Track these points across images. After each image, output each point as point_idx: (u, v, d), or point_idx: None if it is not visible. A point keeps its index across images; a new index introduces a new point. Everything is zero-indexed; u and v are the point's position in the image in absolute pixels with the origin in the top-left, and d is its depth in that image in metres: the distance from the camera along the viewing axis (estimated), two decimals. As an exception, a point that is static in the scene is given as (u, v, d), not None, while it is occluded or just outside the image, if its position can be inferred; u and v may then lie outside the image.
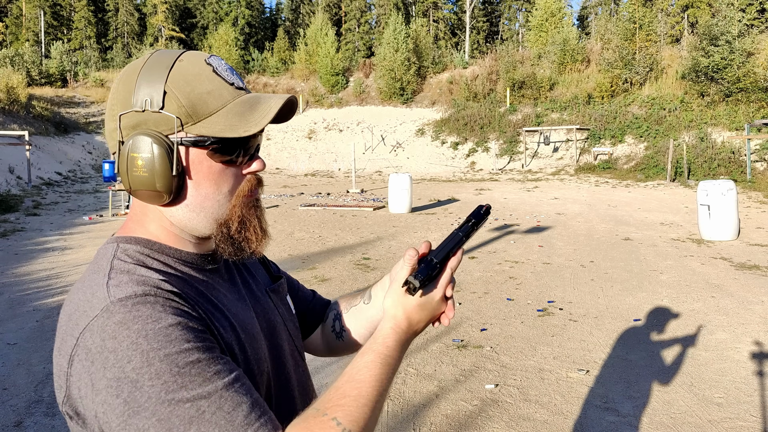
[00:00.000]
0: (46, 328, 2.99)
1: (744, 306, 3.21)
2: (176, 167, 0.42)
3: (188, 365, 0.36)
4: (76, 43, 31.04)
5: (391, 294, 0.46)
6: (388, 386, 0.42)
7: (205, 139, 0.42)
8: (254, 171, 0.46)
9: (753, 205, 8.17)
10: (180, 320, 0.38)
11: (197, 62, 0.44)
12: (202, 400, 0.36)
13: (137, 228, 0.46)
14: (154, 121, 0.42)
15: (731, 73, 13.10)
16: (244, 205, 0.45)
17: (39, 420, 1.98)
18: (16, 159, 12.57)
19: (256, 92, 0.46)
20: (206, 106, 0.43)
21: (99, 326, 0.37)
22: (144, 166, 0.42)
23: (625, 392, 2.14)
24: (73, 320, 0.39)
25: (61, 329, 0.40)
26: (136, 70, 0.43)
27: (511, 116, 16.83)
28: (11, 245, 5.56)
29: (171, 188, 0.43)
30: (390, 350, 0.43)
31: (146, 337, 0.36)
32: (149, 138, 0.42)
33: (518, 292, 3.61)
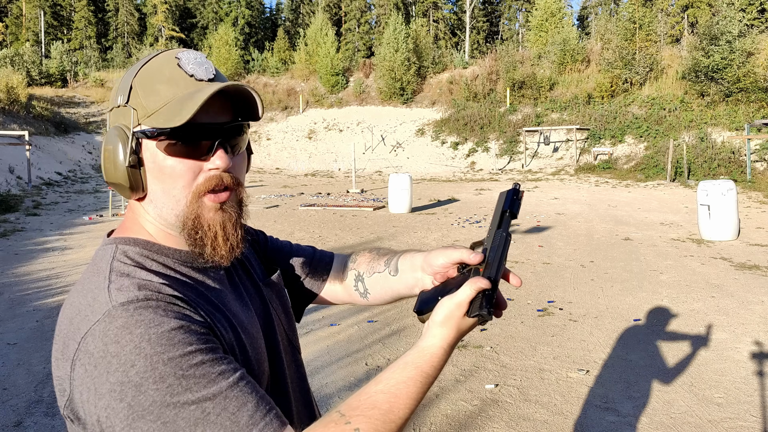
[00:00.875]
0: (46, 328, 2.99)
1: (744, 306, 3.21)
2: (128, 159, 0.42)
3: (192, 368, 0.36)
4: (76, 43, 31.05)
5: (448, 310, 0.43)
6: (418, 404, 0.40)
7: (154, 131, 0.42)
8: (213, 168, 0.43)
9: (753, 205, 8.17)
10: (182, 323, 0.37)
11: (167, 57, 0.44)
12: (206, 402, 0.35)
13: (133, 227, 0.46)
14: (123, 116, 0.44)
15: (731, 73, 13.10)
16: (202, 205, 0.43)
17: (39, 420, 1.98)
18: (16, 159, 12.58)
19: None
20: (158, 98, 0.42)
21: (101, 331, 0.36)
22: (109, 158, 0.44)
23: (625, 392, 2.14)
24: (74, 324, 0.38)
25: (62, 332, 0.39)
26: (133, 69, 0.46)
27: (511, 116, 16.83)
28: (11, 245, 5.56)
29: (129, 180, 0.43)
30: (434, 369, 0.41)
31: (149, 341, 0.36)
32: (114, 131, 0.43)
33: (518, 292, 3.61)
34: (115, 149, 0.43)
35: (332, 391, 2.20)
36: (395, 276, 0.55)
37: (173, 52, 0.45)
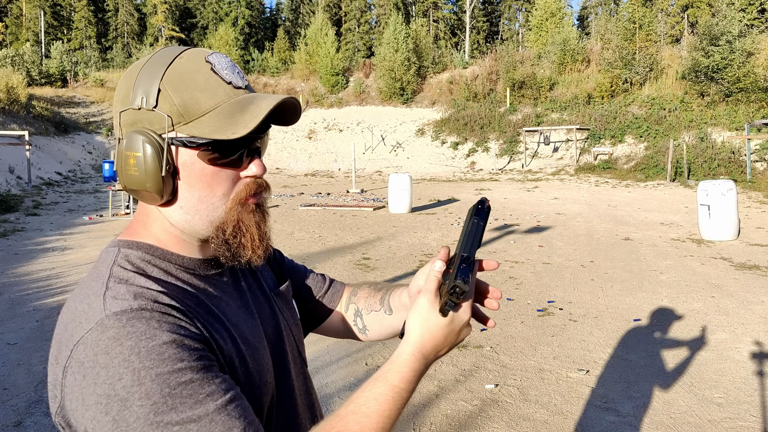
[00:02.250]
0: (46, 328, 2.99)
1: (744, 306, 3.21)
2: (166, 167, 0.41)
3: (180, 386, 0.35)
4: (76, 43, 31.05)
5: (419, 312, 0.41)
6: (395, 421, 0.39)
7: (195, 140, 0.41)
8: (251, 175, 0.44)
9: (753, 205, 8.16)
10: (175, 337, 0.36)
11: (196, 60, 0.43)
12: (191, 424, 0.34)
13: (141, 230, 0.45)
14: (148, 120, 0.42)
15: (731, 73, 13.10)
16: (242, 210, 0.43)
17: (39, 420, 1.98)
18: (16, 159, 12.57)
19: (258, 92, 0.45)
20: (198, 106, 0.41)
21: (93, 340, 0.36)
22: (135, 165, 0.42)
23: (625, 392, 2.14)
24: (68, 330, 0.38)
25: (57, 337, 0.39)
26: (138, 68, 0.43)
27: (511, 116, 16.83)
28: (11, 245, 5.56)
29: (161, 189, 0.42)
30: (405, 383, 0.40)
31: (139, 354, 0.35)
32: (141, 136, 0.41)
33: (518, 292, 3.61)
34: (147, 157, 0.41)
35: (332, 391, 2.20)
36: (390, 315, 0.55)
37: (200, 53, 0.43)
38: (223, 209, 0.43)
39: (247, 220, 0.44)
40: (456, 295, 0.39)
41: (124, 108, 0.42)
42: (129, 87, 0.42)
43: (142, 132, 0.41)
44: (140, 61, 0.44)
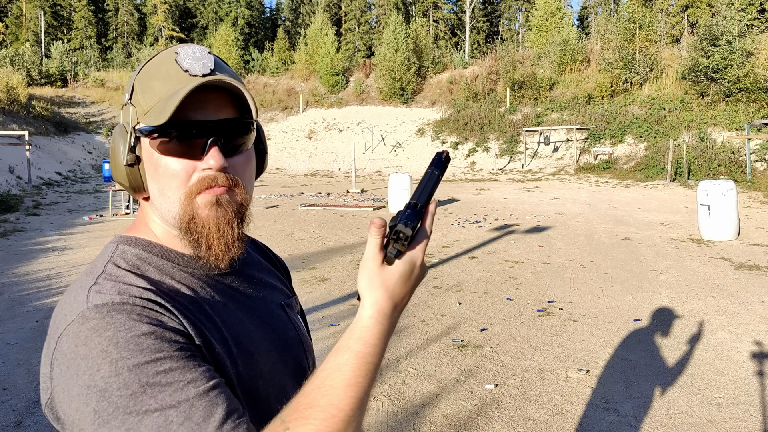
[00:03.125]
0: (46, 328, 2.98)
1: (744, 306, 3.21)
2: (126, 157, 0.42)
3: (158, 374, 0.35)
4: (76, 43, 31.06)
5: (365, 272, 0.39)
6: (369, 388, 0.36)
7: (147, 128, 0.41)
8: (207, 167, 0.41)
9: (753, 205, 8.16)
10: (154, 329, 0.36)
11: (169, 53, 0.43)
12: (170, 410, 0.34)
13: (142, 226, 0.46)
14: (126, 113, 0.44)
15: (731, 73, 13.10)
16: (198, 205, 0.42)
17: (39, 420, 1.98)
18: (16, 159, 12.57)
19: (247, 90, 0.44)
20: (153, 95, 0.41)
21: (74, 332, 0.36)
22: (112, 156, 0.44)
23: (625, 392, 2.14)
24: (56, 323, 0.39)
25: (49, 330, 0.40)
26: (140, 67, 0.46)
27: (511, 116, 16.82)
28: (11, 245, 5.56)
29: (129, 180, 0.43)
30: (369, 346, 0.36)
31: (116, 345, 0.35)
32: (118, 128, 0.44)
33: (518, 292, 3.61)
34: (117, 147, 0.43)
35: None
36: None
37: (177, 47, 0.44)
38: (179, 204, 0.42)
39: (203, 216, 0.42)
40: (400, 242, 0.37)
41: (122, 105, 0.45)
42: (129, 84, 0.46)
43: (120, 125, 0.44)
44: (143, 63, 0.47)
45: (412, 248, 0.39)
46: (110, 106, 21.31)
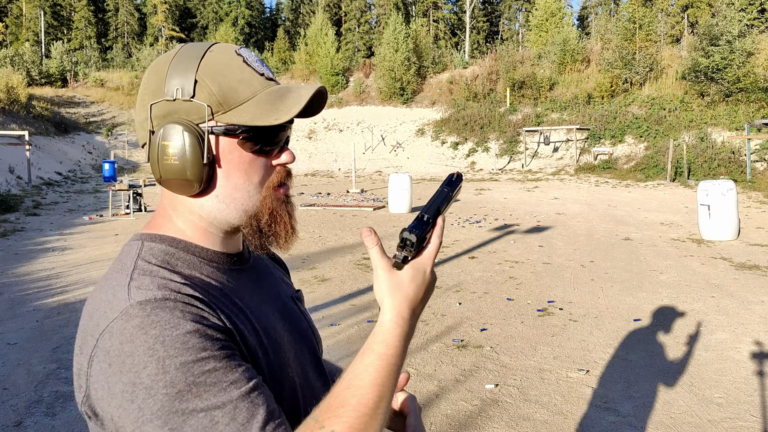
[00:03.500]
0: (46, 328, 2.99)
1: (744, 306, 3.21)
2: (207, 156, 0.42)
3: (204, 374, 0.35)
4: (76, 43, 31.06)
5: (379, 280, 0.42)
6: (393, 387, 0.39)
7: (235, 127, 0.42)
8: (284, 162, 0.45)
9: (753, 205, 8.16)
10: (198, 327, 0.37)
11: (227, 53, 0.44)
12: (216, 410, 0.35)
13: (165, 224, 0.45)
14: (185, 110, 0.42)
15: (731, 73, 13.10)
16: (275, 198, 0.45)
17: (39, 420, 1.98)
18: (16, 159, 12.58)
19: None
20: (237, 95, 0.42)
21: (118, 329, 0.36)
22: (175, 155, 0.42)
23: (626, 392, 2.14)
24: (93, 320, 0.38)
25: (82, 327, 0.39)
26: (167, 61, 0.43)
27: (511, 116, 16.83)
28: (11, 245, 5.55)
29: (201, 177, 0.42)
30: (392, 348, 0.39)
31: (163, 343, 0.35)
32: (180, 126, 0.42)
33: (518, 292, 3.60)
34: (188, 146, 0.41)
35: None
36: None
37: (229, 47, 0.45)
38: (258, 198, 0.44)
39: (280, 209, 0.45)
40: (407, 248, 0.40)
41: (156, 100, 0.42)
42: (160, 79, 0.43)
43: (179, 122, 0.42)
44: (166, 56, 0.44)
45: (420, 255, 0.42)
46: (110, 106, 21.31)
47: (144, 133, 0.44)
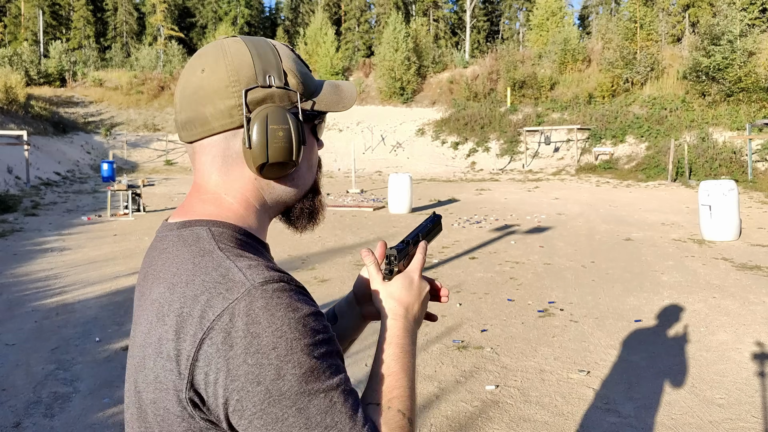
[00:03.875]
0: (44, 328, 2.97)
1: (745, 307, 3.20)
2: (306, 137, 0.45)
3: (322, 357, 0.37)
4: (75, 43, 31.04)
5: (379, 293, 0.48)
6: (414, 366, 0.45)
7: (316, 113, 0.47)
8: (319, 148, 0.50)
9: (754, 205, 8.15)
10: (312, 310, 0.38)
11: (286, 46, 0.48)
12: (332, 392, 0.37)
13: (220, 211, 0.44)
14: (279, 96, 0.44)
15: (732, 72, 13.09)
16: (320, 178, 0.50)
17: (38, 421, 1.97)
18: (14, 159, 12.56)
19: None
20: (312, 85, 0.47)
21: (243, 309, 0.36)
22: (284, 138, 0.43)
23: (626, 393, 2.13)
24: (201, 301, 0.37)
25: (177, 310, 0.37)
26: (244, 50, 0.44)
27: (511, 116, 16.82)
28: (10, 246, 5.54)
29: (299, 158, 0.45)
30: (403, 339, 0.46)
31: (289, 325, 0.36)
32: (284, 110, 0.44)
33: (519, 292, 3.60)
34: (293, 128, 0.43)
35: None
36: (337, 323, 0.56)
37: (281, 43, 0.48)
38: (313, 177, 0.49)
39: (321, 188, 0.50)
40: (391, 263, 0.49)
41: (252, 86, 0.43)
42: (248, 67, 0.44)
43: (280, 108, 0.44)
44: (238, 45, 0.45)
45: (405, 266, 0.50)
46: (109, 105, 21.28)
47: (226, 121, 0.43)
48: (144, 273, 0.44)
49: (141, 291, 0.44)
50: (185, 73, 0.45)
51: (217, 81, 0.43)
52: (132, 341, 0.43)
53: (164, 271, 0.41)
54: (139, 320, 0.42)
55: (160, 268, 0.42)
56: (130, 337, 0.44)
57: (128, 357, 0.44)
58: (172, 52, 26.95)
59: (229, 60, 0.43)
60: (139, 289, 0.45)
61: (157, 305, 0.39)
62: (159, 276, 0.41)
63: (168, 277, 0.40)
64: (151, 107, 21.29)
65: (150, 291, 0.41)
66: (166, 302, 0.39)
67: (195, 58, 0.45)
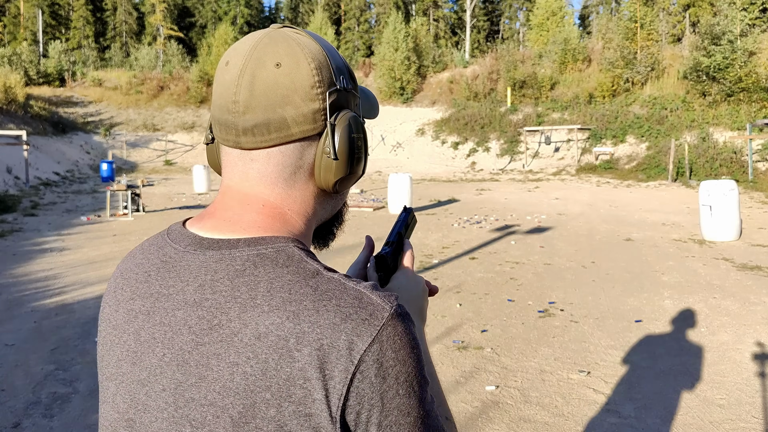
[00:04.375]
0: (43, 329, 2.97)
1: (746, 307, 3.20)
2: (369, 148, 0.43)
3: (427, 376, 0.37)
4: (74, 43, 31.03)
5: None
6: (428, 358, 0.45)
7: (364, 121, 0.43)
8: None
9: (755, 205, 8.15)
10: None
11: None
12: (433, 409, 0.37)
13: (284, 227, 0.38)
14: (353, 101, 0.40)
15: (733, 72, 13.09)
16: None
17: (37, 421, 1.96)
18: (13, 159, 12.56)
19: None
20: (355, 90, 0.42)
21: (388, 338, 0.32)
22: (362, 148, 0.40)
23: (627, 393, 2.13)
24: (346, 330, 0.32)
25: (314, 342, 0.31)
26: (315, 45, 0.39)
27: (511, 116, 16.81)
28: (9, 246, 5.54)
29: (365, 171, 0.42)
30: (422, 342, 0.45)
31: (418, 351, 0.34)
32: (358, 118, 0.40)
33: (519, 293, 3.59)
34: (364, 138, 0.40)
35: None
36: None
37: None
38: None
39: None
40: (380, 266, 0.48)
41: (333, 88, 0.38)
42: (327, 67, 0.38)
43: (356, 114, 0.40)
44: (308, 39, 0.39)
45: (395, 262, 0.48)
46: (108, 105, 21.27)
47: (303, 128, 0.37)
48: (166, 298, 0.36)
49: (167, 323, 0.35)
50: (250, 67, 0.36)
51: (300, 79, 0.37)
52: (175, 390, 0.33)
53: (259, 297, 0.33)
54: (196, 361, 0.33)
55: (234, 294, 0.33)
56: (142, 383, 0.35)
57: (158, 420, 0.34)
58: (172, 51, 26.94)
59: (309, 55, 0.37)
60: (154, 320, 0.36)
61: (271, 338, 0.32)
62: (244, 303, 0.33)
63: (277, 304, 0.32)
64: (151, 107, 21.26)
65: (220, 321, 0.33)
66: (291, 335, 0.31)
67: (258, 50, 0.37)
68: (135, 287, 0.38)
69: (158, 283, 0.37)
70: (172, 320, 0.35)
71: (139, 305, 0.37)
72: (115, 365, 0.38)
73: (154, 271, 0.38)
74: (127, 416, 0.36)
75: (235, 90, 0.37)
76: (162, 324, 0.36)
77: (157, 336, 0.35)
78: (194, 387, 0.33)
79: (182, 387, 0.34)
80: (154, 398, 0.35)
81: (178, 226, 0.40)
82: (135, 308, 0.37)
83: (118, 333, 0.38)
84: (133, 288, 0.38)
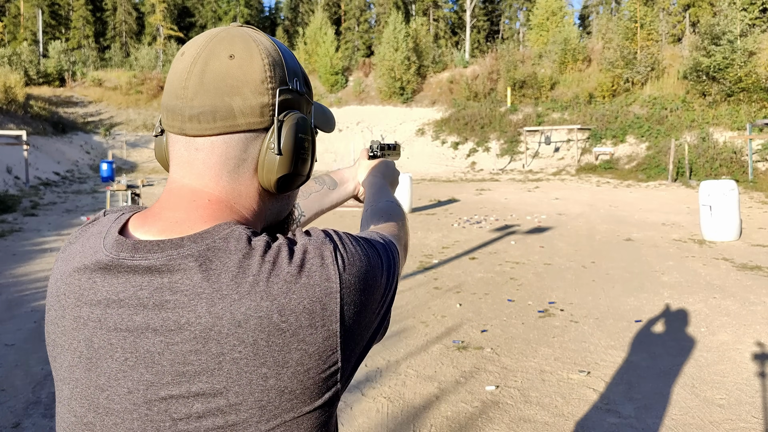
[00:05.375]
0: (43, 329, 2.96)
1: (746, 307, 3.20)
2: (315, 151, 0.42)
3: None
4: (74, 43, 31.02)
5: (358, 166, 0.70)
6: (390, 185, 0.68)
7: (316, 129, 0.44)
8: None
9: (755, 205, 8.15)
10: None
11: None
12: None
13: (232, 217, 0.37)
14: (303, 104, 0.40)
15: (733, 72, 13.09)
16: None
17: (37, 421, 1.97)
18: (13, 159, 12.56)
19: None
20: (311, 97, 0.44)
21: (343, 247, 0.38)
22: (309, 150, 0.39)
23: (627, 394, 2.13)
24: (316, 282, 0.33)
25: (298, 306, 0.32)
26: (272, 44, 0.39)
27: (511, 116, 16.82)
28: (9, 246, 5.54)
29: (311, 174, 0.43)
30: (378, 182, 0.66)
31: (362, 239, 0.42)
32: (307, 120, 0.39)
33: (519, 293, 3.59)
34: (312, 140, 0.40)
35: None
36: (334, 188, 0.67)
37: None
38: (295, 199, 0.47)
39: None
40: (377, 149, 0.71)
41: (284, 87, 0.38)
42: (281, 66, 0.39)
43: (305, 116, 0.40)
44: (264, 38, 0.39)
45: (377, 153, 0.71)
46: (108, 105, 21.28)
47: (250, 120, 0.37)
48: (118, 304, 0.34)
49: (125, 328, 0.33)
50: (203, 56, 0.36)
51: (252, 72, 0.37)
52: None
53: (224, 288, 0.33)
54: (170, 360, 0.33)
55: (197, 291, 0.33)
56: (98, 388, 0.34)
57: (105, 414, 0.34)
58: (172, 51, 26.95)
59: (264, 51, 0.38)
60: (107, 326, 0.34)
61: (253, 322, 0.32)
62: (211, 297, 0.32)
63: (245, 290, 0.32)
64: (151, 107, 21.27)
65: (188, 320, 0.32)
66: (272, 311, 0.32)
67: (214, 42, 0.37)
68: (80, 294, 0.36)
69: (106, 290, 0.35)
70: (131, 325, 0.34)
71: (86, 313, 0.36)
72: (67, 369, 0.37)
73: (100, 277, 0.36)
74: (86, 420, 0.36)
75: (186, 76, 0.37)
76: (118, 330, 0.34)
77: (114, 342, 0.34)
78: (171, 384, 0.33)
79: (155, 386, 0.33)
80: (118, 401, 0.34)
81: (115, 231, 0.37)
82: (83, 316, 0.36)
83: (67, 339, 0.36)
84: (77, 294, 0.36)
